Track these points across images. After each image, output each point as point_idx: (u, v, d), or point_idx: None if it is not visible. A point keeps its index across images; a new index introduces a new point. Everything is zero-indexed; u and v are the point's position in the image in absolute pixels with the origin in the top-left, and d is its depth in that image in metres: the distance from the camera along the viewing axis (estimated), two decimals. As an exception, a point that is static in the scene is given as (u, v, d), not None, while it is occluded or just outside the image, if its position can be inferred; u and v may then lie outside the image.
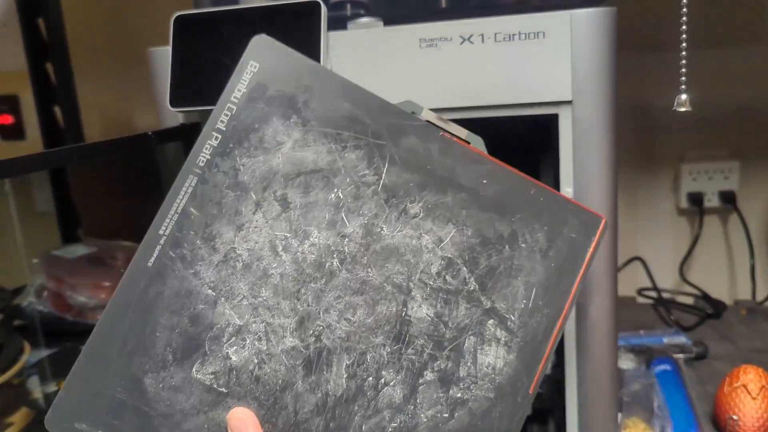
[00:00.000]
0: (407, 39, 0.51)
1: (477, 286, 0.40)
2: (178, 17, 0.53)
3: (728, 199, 1.03)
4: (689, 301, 1.04)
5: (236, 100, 0.41)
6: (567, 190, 0.52)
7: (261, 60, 0.41)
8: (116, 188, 1.09)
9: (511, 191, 0.41)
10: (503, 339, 0.40)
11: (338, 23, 0.54)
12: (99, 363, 0.39)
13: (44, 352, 0.83)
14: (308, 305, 0.40)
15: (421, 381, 0.40)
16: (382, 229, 0.41)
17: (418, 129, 0.41)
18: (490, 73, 0.50)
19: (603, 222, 0.41)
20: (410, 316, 0.40)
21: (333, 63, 0.53)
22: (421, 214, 0.41)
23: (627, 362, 0.82)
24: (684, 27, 0.48)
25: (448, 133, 0.42)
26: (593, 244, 0.41)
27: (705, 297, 1.03)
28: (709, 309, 1.00)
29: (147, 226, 0.44)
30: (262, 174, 0.41)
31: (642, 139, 1.05)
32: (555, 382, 0.64)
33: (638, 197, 1.07)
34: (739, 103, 1.00)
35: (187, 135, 0.58)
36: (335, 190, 0.41)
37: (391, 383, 0.40)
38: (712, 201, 1.04)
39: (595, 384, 0.55)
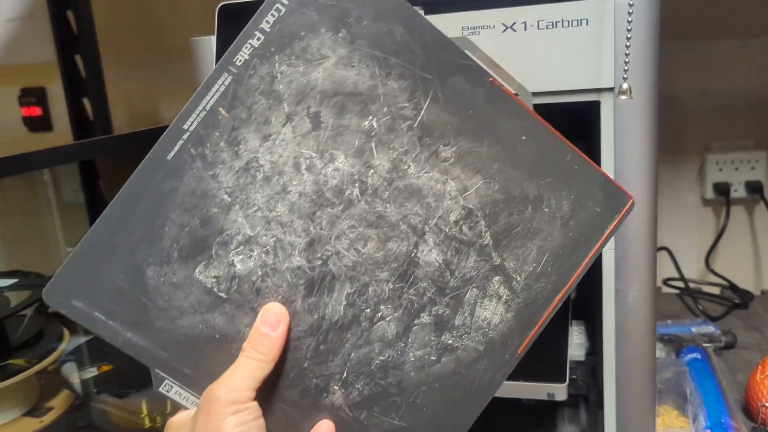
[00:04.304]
0: (450, 27, 0.52)
1: (491, 242, 0.40)
2: (222, 7, 0.54)
3: (755, 189, 1.02)
4: (716, 291, 1.04)
5: (286, 2, 0.39)
6: (607, 176, 0.52)
7: None
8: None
9: (548, 153, 0.40)
10: (505, 297, 0.40)
11: (379, 12, 0.54)
12: (104, 247, 0.39)
13: (81, 339, 0.84)
14: (321, 229, 0.40)
15: (416, 322, 0.40)
16: (409, 166, 0.40)
17: (468, 69, 0.39)
18: (532, 60, 0.51)
19: (630, 202, 0.40)
20: (419, 258, 0.40)
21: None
22: (452, 159, 0.40)
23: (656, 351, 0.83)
24: (630, 19, 0.46)
25: (498, 80, 0.40)
26: (615, 222, 0.40)
27: (732, 287, 1.03)
28: (736, 299, 1.00)
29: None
30: (299, 86, 0.39)
31: (668, 129, 1.04)
32: (590, 369, 0.64)
33: (664, 187, 1.07)
34: (765, 92, 1.00)
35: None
36: (370, 117, 0.39)
37: (387, 318, 0.40)
38: (738, 191, 1.03)
39: (634, 369, 0.55)
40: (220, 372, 0.38)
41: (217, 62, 0.54)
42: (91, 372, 0.79)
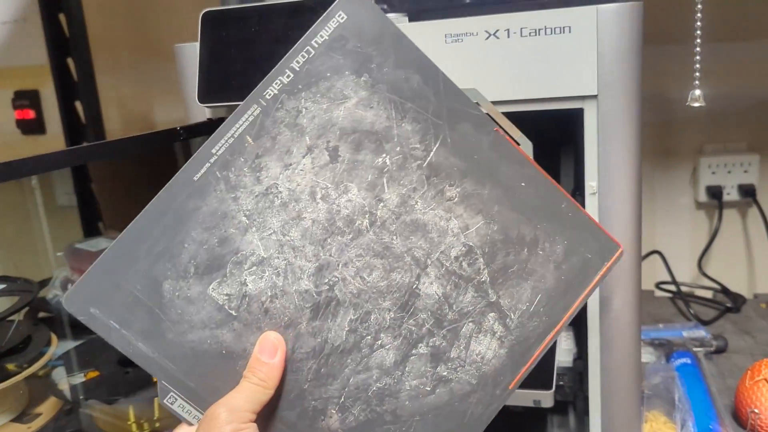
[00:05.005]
0: (433, 34, 0.52)
1: (488, 279, 0.42)
2: (206, 13, 0.53)
3: (748, 192, 1.02)
4: (708, 294, 1.04)
5: (316, 45, 0.42)
6: (591, 183, 0.52)
7: (350, 13, 0.42)
8: (136, 182, 1.10)
9: (544, 200, 0.42)
10: (498, 333, 0.42)
11: (363, 19, 0.54)
12: (126, 258, 0.41)
13: (70, 344, 0.84)
14: (330, 255, 0.42)
15: (414, 352, 0.42)
16: (416, 203, 0.42)
17: (476, 118, 0.42)
18: (515, 67, 0.50)
19: (619, 251, 0.43)
20: (420, 290, 0.42)
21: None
22: (456, 199, 0.42)
23: (646, 356, 0.82)
24: (699, 23, 0.48)
25: (503, 129, 0.43)
26: (605, 269, 0.43)
27: (724, 291, 1.03)
28: (729, 303, 0.99)
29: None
30: (321, 122, 0.42)
31: (661, 133, 1.04)
32: (577, 374, 0.64)
33: (657, 191, 1.06)
34: (758, 96, 1.00)
35: (214, 130, 0.59)
36: (384, 155, 0.42)
37: (387, 346, 0.42)
38: (731, 194, 1.03)
39: (619, 375, 0.55)
40: (223, 387, 0.40)
41: (199, 68, 0.54)
42: (79, 378, 0.78)
